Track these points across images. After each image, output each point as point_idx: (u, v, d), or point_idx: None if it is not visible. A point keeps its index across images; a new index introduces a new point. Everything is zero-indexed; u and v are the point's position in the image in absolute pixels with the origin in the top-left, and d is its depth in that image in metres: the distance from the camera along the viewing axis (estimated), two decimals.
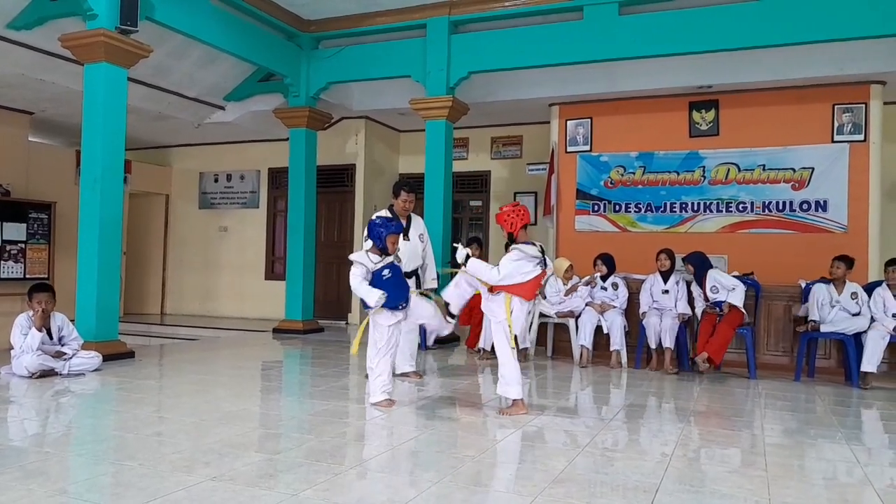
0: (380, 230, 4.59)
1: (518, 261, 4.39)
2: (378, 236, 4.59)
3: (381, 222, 4.64)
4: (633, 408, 4.96)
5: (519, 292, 4.43)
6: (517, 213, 4.54)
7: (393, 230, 4.62)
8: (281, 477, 3.08)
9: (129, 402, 4.75)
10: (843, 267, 6.21)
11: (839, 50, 7.43)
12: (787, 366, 6.63)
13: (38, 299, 5.54)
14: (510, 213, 4.54)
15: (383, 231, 4.59)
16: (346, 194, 10.82)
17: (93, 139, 6.41)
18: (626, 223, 8.93)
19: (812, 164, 8.12)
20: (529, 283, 4.44)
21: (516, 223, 4.52)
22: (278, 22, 8.42)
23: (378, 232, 4.59)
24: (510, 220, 4.53)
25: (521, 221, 4.53)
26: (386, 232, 4.59)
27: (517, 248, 4.42)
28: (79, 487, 2.94)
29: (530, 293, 4.49)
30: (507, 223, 4.55)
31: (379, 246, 4.61)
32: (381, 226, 4.61)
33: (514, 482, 3.16)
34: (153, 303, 12.42)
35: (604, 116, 9.10)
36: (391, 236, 4.61)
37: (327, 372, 6.18)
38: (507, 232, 4.57)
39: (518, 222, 4.53)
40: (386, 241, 4.59)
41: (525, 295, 4.46)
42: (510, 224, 4.53)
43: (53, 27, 6.90)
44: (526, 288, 4.44)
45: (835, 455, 3.76)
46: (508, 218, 4.53)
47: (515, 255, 4.40)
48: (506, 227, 4.56)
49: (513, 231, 4.54)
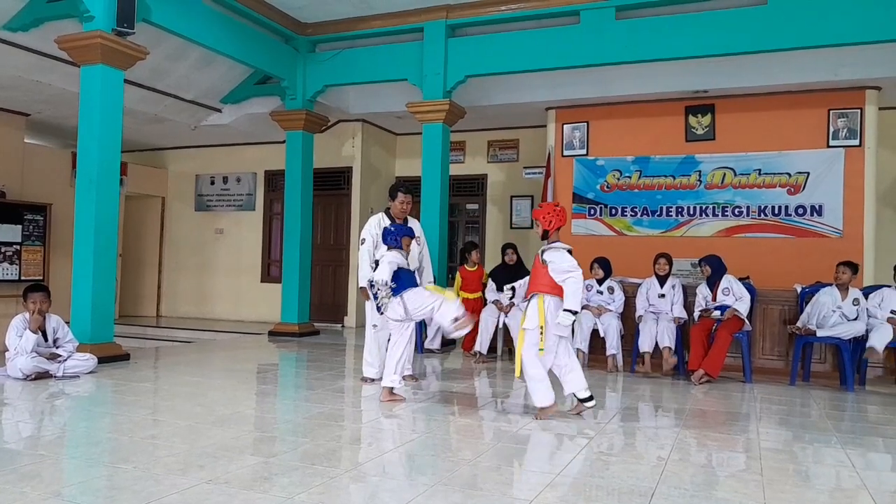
0: (395, 234, 5.01)
1: (567, 255, 4.47)
2: (394, 239, 4.97)
3: (395, 229, 5.08)
4: (629, 411, 4.96)
5: (558, 291, 4.43)
6: (557, 213, 4.60)
7: (406, 233, 5.05)
8: (276, 480, 3.07)
9: (123, 404, 4.73)
10: (848, 272, 6.22)
11: (834, 55, 7.47)
12: (782, 370, 6.64)
13: (33, 299, 5.53)
14: (551, 212, 4.60)
15: (397, 234, 5.01)
16: (342, 197, 10.82)
17: (89, 141, 6.40)
18: (622, 227, 8.95)
19: (807, 169, 8.15)
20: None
21: (554, 222, 4.58)
22: (275, 25, 8.42)
23: (394, 235, 5.01)
24: (549, 217, 4.58)
25: (558, 223, 4.59)
26: (400, 234, 5.00)
27: (554, 248, 4.51)
28: (73, 490, 2.93)
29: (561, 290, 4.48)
30: (545, 220, 4.59)
31: (396, 246, 4.96)
32: (396, 231, 5.04)
33: (509, 486, 3.16)
34: (149, 305, 12.39)
35: (600, 120, 9.12)
36: (406, 238, 5.00)
37: (323, 375, 6.17)
38: (542, 229, 4.62)
39: (556, 222, 4.59)
40: (402, 243, 4.96)
41: (557, 292, 4.45)
42: (548, 222, 4.58)
43: (50, 29, 6.89)
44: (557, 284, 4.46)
45: (830, 459, 3.77)
46: (548, 216, 4.59)
47: (562, 254, 4.48)
48: (543, 223, 4.60)
49: (549, 229, 4.59)
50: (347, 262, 10.63)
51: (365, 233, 5.74)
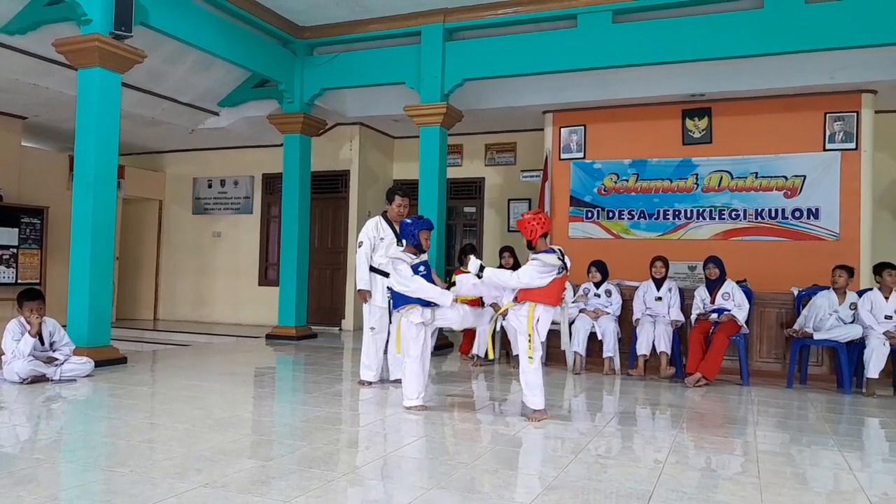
0: (411, 228, 4.79)
1: (539, 269, 4.41)
2: (411, 234, 4.79)
3: (412, 221, 4.86)
4: (627, 414, 4.96)
5: (543, 299, 4.43)
6: (538, 220, 4.56)
7: (424, 226, 4.82)
8: (273, 483, 3.07)
9: (120, 408, 4.72)
10: (844, 276, 6.24)
11: (831, 59, 7.49)
12: (779, 373, 6.65)
13: (30, 307, 5.52)
14: (531, 221, 4.56)
15: (415, 228, 4.79)
16: (339, 200, 10.82)
17: (86, 144, 6.39)
18: (619, 230, 8.96)
19: (804, 172, 8.17)
20: (552, 287, 4.44)
21: (536, 230, 4.53)
22: (273, 28, 8.43)
23: (410, 230, 4.79)
24: (530, 227, 4.54)
25: (541, 229, 4.54)
26: (418, 228, 4.78)
27: (536, 259, 4.45)
28: (69, 494, 2.93)
29: (555, 298, 4.48)
30: (526, 230, 4.56)
31: (413, 243, 4.81)
32: (412, 224, 4.82)
33: (507, 489, 3.16)
34: (146, 308, 12.37)
35: (597, 124, 9.14)
36: (423, 232, 4.81)
37: (320, 378, 6.16)
38: (526, 239, 4.59)
39: (538, 230, 4.54)
40: (419, 236, 4.78)
41: (550, 301, 4.46)
42: (530, 231, 4.54)
43: (47, 32, 6.89)
44: (549, 293, 4.44)
45: (827, 462, 3.77)
46: (529, 225, 4.55)
47: (536, 265, 4.42)
48: (525, 234, 4.57)
49: (532, 239, 4.55)
50: (345, 265, 10.62)
51: (362, 236, 5.75)
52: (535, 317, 4.42)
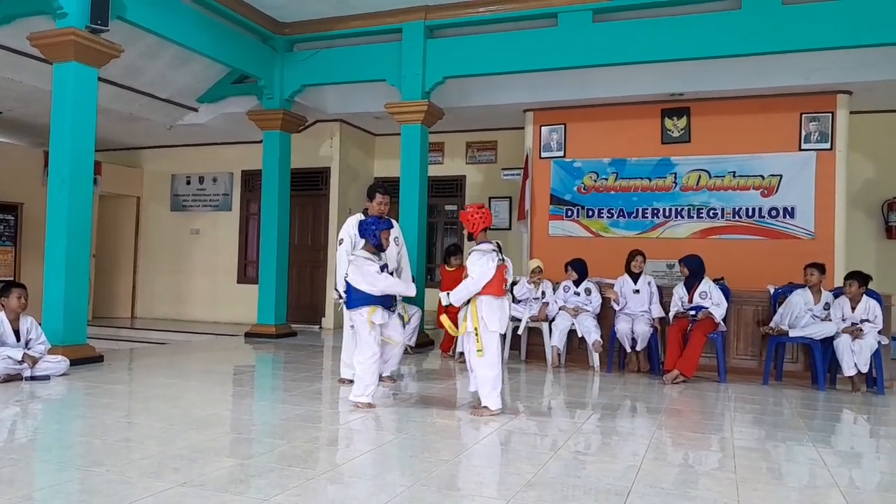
0: (373, 227, 4.88)
1: (480, 259, 4.53)
2: (372, 234, 4.87)
3: (372, 221, 4.94)
4: (605, 411, 4.99)
5: (486, 290, 4.53)
6: (481, 215, 4.71)
7: (384, 226, 4.93)
8: (252, 482, 3.05)
9: (96, 406, 4.67)
10: (816, 274, 6.32)
11: (807, 60, 7.59)
12: (755, 369, 6.73)
13: (18, 293, 5.54)
14: (474, 214, 4.71)
15: (376, 228, 4.87)
16: (320, 198, 10.76)
17: (61, 140, 6.30)
18: (598, 228, 9.02)
19: (780, 172, 8.28)
20: (494, 277, 4.54)
21: (478, 224, 4.69)
22: (252, 24, 8.36)
23: (371, 230, 4.87)
24: (473, 220, 4.70)
25: (482, 224, 4.70)
26: (378, 228, 4.87)
27: (475, 250, 4.60)
28: (45, 494, 2.89)
29: (498, 288, 4.58)
30: (469, 223, 4.71)
31: (374, 243, 4.88)
32: (373, 224, 4.90)
33: (486, 486, 3.17)
34: (123, 306, 12.22)
35: (577, 123, 9.19)
36: (384, 232, 4.90)
37: (300, 376, 6.13)
38: (468, 231, 4.74)
39: (480, 224, 4.69)
40: (380, 237, 4.86)
41: (493, 291, 4.55)
42: (472, 224, 4.70)
43: (22, 25, 6.77)
44: (492, 284, 4.53)
45: (802, 457, 3.83)
46: (472, 218, 4.70)
47: (476, 257, 4.56)
48: (468, 226, 4.72)
49: (473, 231, 4.70)
50: (325, 263, 10.57)
51: (343, 233, 5.73)
52: (478, 309, 4.51)
